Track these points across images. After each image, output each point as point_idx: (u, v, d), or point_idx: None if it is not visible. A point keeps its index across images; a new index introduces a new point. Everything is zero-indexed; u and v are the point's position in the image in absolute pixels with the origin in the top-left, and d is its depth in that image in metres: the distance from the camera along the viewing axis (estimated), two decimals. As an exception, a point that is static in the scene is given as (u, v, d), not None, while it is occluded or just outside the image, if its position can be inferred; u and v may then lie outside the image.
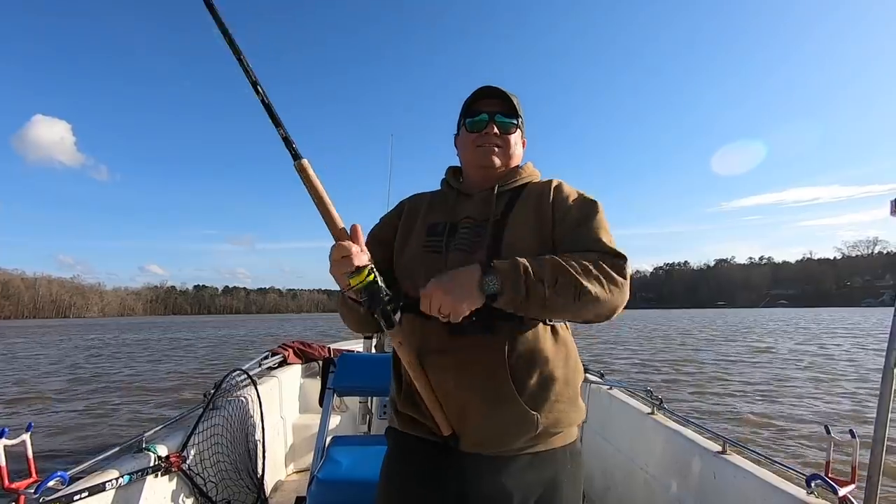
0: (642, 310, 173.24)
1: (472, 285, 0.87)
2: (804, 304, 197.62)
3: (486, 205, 1.08)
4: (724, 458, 1.79)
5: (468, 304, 0.87)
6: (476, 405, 0.96)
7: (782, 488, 1.51)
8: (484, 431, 0.96)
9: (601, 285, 0.89)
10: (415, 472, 1.03)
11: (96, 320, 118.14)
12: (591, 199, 1.06)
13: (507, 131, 1.11)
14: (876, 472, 1.31)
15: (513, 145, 1.13)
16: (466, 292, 0.87)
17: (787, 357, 14.13)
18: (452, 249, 1.04)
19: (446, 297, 0.86)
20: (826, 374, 10.70)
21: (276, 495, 2.90)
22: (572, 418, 1.02)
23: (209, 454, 2.15)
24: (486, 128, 1.10)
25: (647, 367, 12.05)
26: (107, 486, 1.56)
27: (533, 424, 0.96)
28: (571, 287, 0.87)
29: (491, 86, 1.11)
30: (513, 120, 1.12)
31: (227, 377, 2.53)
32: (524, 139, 1.19)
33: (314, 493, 1.73)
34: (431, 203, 1.17)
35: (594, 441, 2.90)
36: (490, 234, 1.03)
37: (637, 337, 23.85)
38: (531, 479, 0.97)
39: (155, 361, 15.45)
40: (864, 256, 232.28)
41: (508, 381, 0.95)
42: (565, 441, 1.02)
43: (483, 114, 1.10)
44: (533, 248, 0.99)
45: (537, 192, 1.08)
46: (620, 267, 0.92)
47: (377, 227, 1.20)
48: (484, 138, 1.10)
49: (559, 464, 1.00)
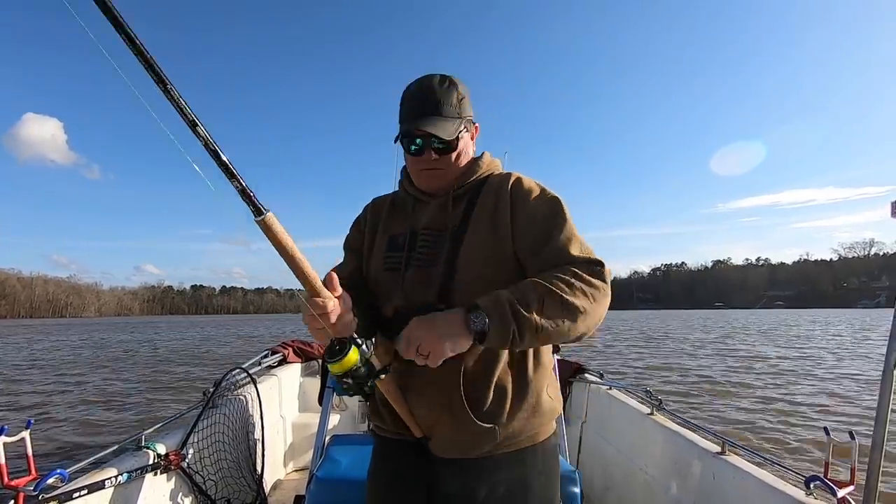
0: (640, 310, 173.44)
1: (459, 325, 0.84)
2: (801, 305, 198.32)
3: (443, 211, 1.05)
4: (724, 458, 1.79)
5: (451, 345, 0.83)
6: (435, 422, 0.99)
7: (781, 489, 1.51)
8: (446, 442, 1.00)
9: (587, 297, 0.86)
10: (393, 470, 1.08)
11: (93, 320, 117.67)
12: (551, 199, 1.01)
13: (448, 151, 1.03)
14: (875, 473, 1.31)
15: (455, 159, 1.05)
16: (453, 332, 0.83)
17: (786, 358, 14.16)
18: (411, 265, 1.03)
19: (429, 335, 0.83)
20: (825, 374, 10.73)
21: (275, 494, 2.90)
22: (536, 423, 1.01)
23: (209, 452, 2.15)
24: (424, 154, 1.02)
25: (647, 368, 12.06)
26: (106, 483, 1.56)
27: (492, 436, 0.97)
28: (559, 306, 0.84)
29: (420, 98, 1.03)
30: (451, 139, 1.01)
31: (227, 375, 2.52)
32: (475, 127, 1.11)
33: (313, 491, 1.73)
34: (392, 208, 1.15)
35: (594, 441, 2.91)
36: (448, 246, 1.01)
37: (635, 337, 23.89)
38: (498, 477, 0.99)
39: (155, 360, 15.41)
40: (860, 258, 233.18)
41: (462, 402, 0.96)
42: (536, 440, 1.02)
43: (417, 139, 1.02)
44: (490, 258, 0.97)
45: (494, 192, 1.03)
46: (600, 273, 0.90)
47: (349, 235, 1.20)
48: (423, 163, 1.04)
49: (528, 462, 1.01)
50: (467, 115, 1.07)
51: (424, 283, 0.99)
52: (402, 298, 1.01)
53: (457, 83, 1.06)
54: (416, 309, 0.95)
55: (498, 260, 0.98)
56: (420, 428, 1.01)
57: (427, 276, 1.00)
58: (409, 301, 1.00)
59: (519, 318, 0.83)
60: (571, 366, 3.41)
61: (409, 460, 1.04)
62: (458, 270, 0.98)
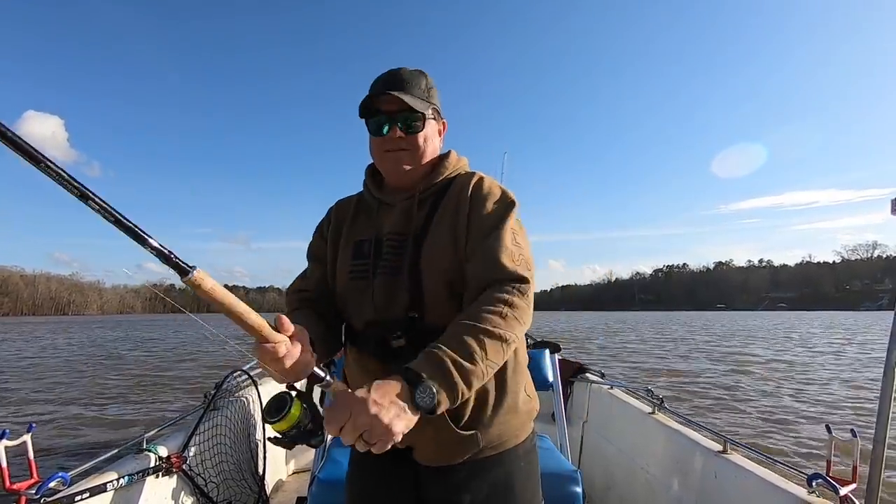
0: (641, 312, 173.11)
1: (407, 406, 0.75)
2: (803, 308, 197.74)
3: (407, 216, 1.03)
4: (725, 457, 1.79)
5: (403, 429, 0.75)
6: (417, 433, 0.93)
7: (783, 487, 1.51)
8: (428, 451, 0.99)
9: (518, 321, 0.86)
10: (373, 476, 1.06)
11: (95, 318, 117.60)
12: (504, 203, 0.99)
13: (415, 130, 1.00)
14: (877, 471, 1.31)
15: (422, 143, 1.02)
16: (402, 416, 0.74)
17: (787, 358, 14.13)
18: (378, 273, 1.00)
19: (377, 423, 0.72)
20: (826, 374, 10.71)
21: (277, 495, 2.89)
22: (519, 421, 1.01)
23: (210, 455, 2.14)
24: (390, 131, 1.00)
25: (647, 369, 12.04)
26: (108, 486, 1.56)
27: (474, 443, 0.96)
28: (498, 345, 0.83)
29: (388, 78, 1.01)
30: (417, 115, 0.99)
31: (228, 377, 2.52)
32: (443, 122, 1.10)
33: (315, 493, 1.73)
34: (356, 212, 1.12)
35: (595, 441, 2.90)
36: (410, 252, 0.99)
37: (638, 338, 23.84)
38: (481, 481, 0.99)
39: (156, 361, 15.41)
40: (863, 260, 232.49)
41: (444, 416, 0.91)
42: (517, 441, 1.02)
43: (382, 115, 0.99)
44: (450, 265, 0.96)
45: (456, 194, 1.01)
46: (523, 292, 0.89)
47: (312, 243, 1.17)
48: (388, 142, 1.01)
49: (510, 465, 1.01)
50: (435, 104, 1.05)
51: (394, 292, 0.98)
52: (373, 311, 0.99)
53: (425, 73, 1.05)
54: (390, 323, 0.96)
55: (459, 263, 0.96)
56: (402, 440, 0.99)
57: (396, 284, 0.98)
58: (382, 313, 0.98)
59: (466, 375, 0.80)
60: (573, 365, 3.40)
61: (389, 466, 1.03)
62: (423, 277, 0.96)
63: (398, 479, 1.03)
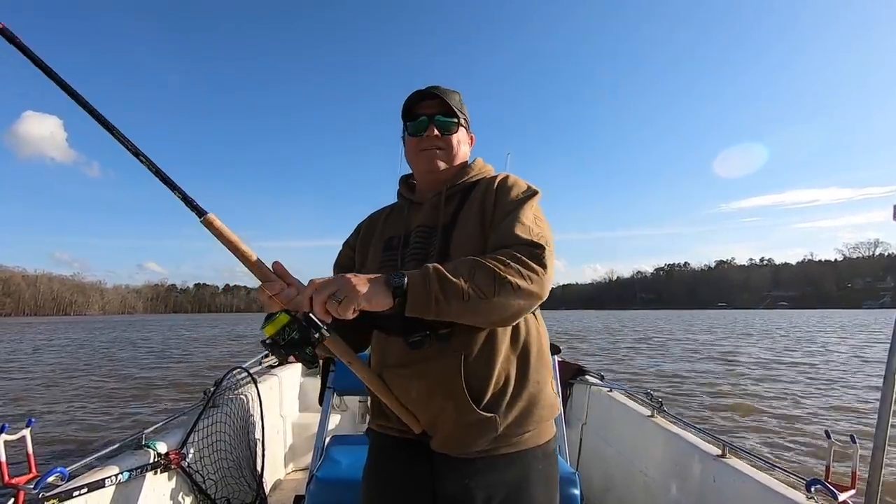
0: (642, 311, 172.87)
1: (381, 281, 0.83)
2: (805, 306, 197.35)
3: (435, 210, 1.10)
4: (724, 461, 1.78)
5: (367, 293, 0.81)
6: (437, 413, 0.99)
7: (782, 493, 1.50)
8: (447, 435, 0.99)
9: (521, 276, 0.87)
10: (390, 469, 1.08)
11: (97, 318, 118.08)
12: (527, 189, 1.05)
13: (449, 131, 1.11)
14: (876, 477, 1.31)
15: (455, 145, 1.12)
16: (373, 286, 0.82)
17: (788, 360, 14.11)
18: (407, 261, 1.05)
19: (349, 283, 0.81)
20: (826, 377, 10.69)
21: (275, 493, 2.90)
22: (539, 415, 1.01)
23: (209, 452, 2.15)
24: (427, 130, 1.10)
25: (646, 370, 12.03)
26: (106, 482, 1.56)
27: (493, 427, 0.96)
28: (490, 277, 0.85)
29: (427, 88, 1.11)
30: (452, 119, 1.11)
31: (228, 375, 2.53)
32: (471, 135, 1.19)
33: (313, 491, 1.73)
34: (388, 217, 1.20)
35: (594, 443, 2.90)
36: (440, 238, 1.04)
37: (637, 339, 23.83)
38: (496, 479, 0.98)
39: (156, 359, 15.47)
40: (865, 258, 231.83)
41: (463, 389, 0.96)
42: (537, 441, 1.02)
43: (422, 117, 1.10)
44: (480, 248, 0.99)
45: (483, 188, 1.08)
46: (538, 255, 0.90)
47: (340, 254, 1.24)
48: (425, 141, 1.11)
49: (528, 464, 1.00)
50: (466, 116, 1.15)
51: None
52: None
53: (459, 92, 1.16)
54: None
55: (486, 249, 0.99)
56: (419, 422, 1.01)
57: None
58: None
59: (444, 282, 0.83)
60: (572, 367, 3.40)
61: (406, 459, 1.05)
62: (450, 259, 0.99)
63: (415, 472, 1.04)
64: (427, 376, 0.98)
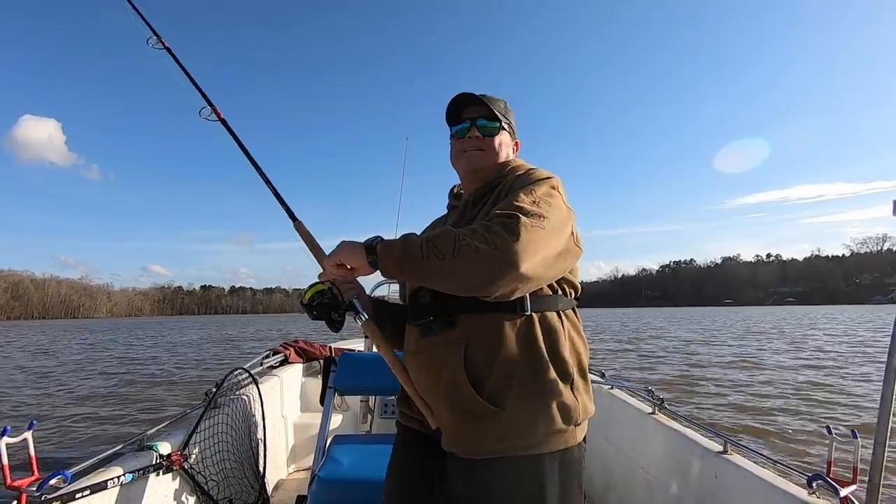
0: (646, 308, 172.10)
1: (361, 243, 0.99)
2: (812, 302, 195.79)
3: (464, 211, 1.14)
4: (726, 458, 1.77)
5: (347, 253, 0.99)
6: (441, 404, 1.00)
7: (784, 488, 1.50)
8: (452, 429, 0.98)
9: (485, 241, 0.87)
10: (406, 461, 1.12)
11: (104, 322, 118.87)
12: (540, 176, 1.06)
13: (490, 134, 1.14)
14: (878, 472, 1.30)
15: (497, 146, 1.14)
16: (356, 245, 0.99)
17: (789, 357, 14.01)
18: None
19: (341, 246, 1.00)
20: (828, 372, 10.60)
21: (277, 494, 2.91)
22: (556, 418, 0.94)
23: (211, 453, 2.16)
24: (469, 132, 1.14)
25: (648, 368, 11.98)
26: (109, 484, 1.57)
27: (497, 421, 0.92)
28: (451, 241, 0.88)
29: (469, 93, 1.14)
30: (494, 123, 1.14)
31: (229, 376, 2.54)
32: (516, 141, 1.22)
33: (315, 491, 1.73)
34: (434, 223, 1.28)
35: (595, 440, 2.89)
36: None
37: (640, 336, 23.73)
38: (509, 486, 0.94)
39: (156, 359, 15.55)
40: (873, 254, 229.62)
41: (465, 379, 0.95)
42: (553, 447, 0.95)
43: (465, 121, 1.15)
44: None
45: (509, 184, 1.08)
46: (508, 224, 0.88)
47: None
48: (467, 143, 1.14)
49: (545, 473, 0.94)
50: (510, 121, 1.19)
51: None
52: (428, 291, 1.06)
53: (504, 100, 1.20)
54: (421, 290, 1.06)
55: None
56: (434, 415, 1.02)
57: None
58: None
59: (407, 244, 0.92)
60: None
61: (422, 454, 1.07)
62: None
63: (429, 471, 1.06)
64: (433, 361, 1.00)
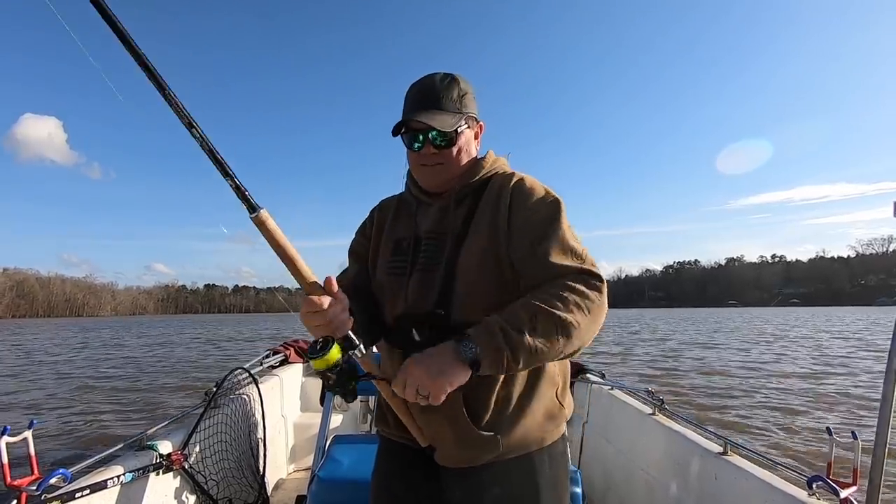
0: (650, 309, 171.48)
1: (451, 359, 0.82)
2: (817, 303, 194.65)
3: (445, 215, 1.05)
4: (726, 459, 1.77)
5: (449, 381, 0.81)
6: (438, 430, 0.98)
7: (783, 489, 1.49)
8: (449, 452, 0.98)
9: (581, 310, 0.83)
10: (396, 472, 1.09)
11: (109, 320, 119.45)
12: (551, 202, 0.97)
13: (448, 145, 1.02)
14: (878, 473, 1.29)
15: (457, 155, 1.03)
16: (447, 368, 0.81)
17: (790, 357, 13.93)
18: (415, 270, 1.03)
19: (425, 376, 0.81)
20: (829, 374, 10.54)
21: (277, 493, 2.92)
22: (546, 424, 0.99)
23: (211, 452, 2.17)
24: (423, 148, 1.02)
25: (648, 368, 11.93)
26: (109, 483, 1.58)
27: (494, 445, 0.95)
28: (552, 325, 0.81)
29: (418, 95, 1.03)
30: (450, 132, 1.00)
31: (229, 375, 2.54)
32: (479, 125, 1.10)
33: (315, 491, 1.74)
34: (397, 212, 1.15)
35: (595, 441, 2.88)
36: (451, 248, 1.00)
37: (639, 337, 23.64)
38: (503, 487, 0.96)
39: (157, 359, 15.57)
40: (878, 255, 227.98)
41: (462, 409, 0.94)
42: (544, 443, 0.99)
43: (417, 134, 1.01)
44: (490, 263, 0.96)
45: (496, 193, 1.01)
46: (594, 284, 0.86)
47: (353, 241, 1.21)
48: (423, 158, 1.03)
49: (535, 470, 0.98)
50: (469, 112, 1.05)
51: (426, 289, 0.99)
52: (405, 305, 1.01)
53: (458, 80, 1.05)
54: (417, 317, 0.97)
55: (498, 264, 0.96)
56: (424, 437, 1.00)
57: (428, 281, 0.99)
58: (412, 308, 1.00)
59: (511, 342, 0.81)
60: (573, 365, 3.39)
61: (411, 464, 1.05)
62: (458, 276, 0.97)
63: (421, 479, 1.04)
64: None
